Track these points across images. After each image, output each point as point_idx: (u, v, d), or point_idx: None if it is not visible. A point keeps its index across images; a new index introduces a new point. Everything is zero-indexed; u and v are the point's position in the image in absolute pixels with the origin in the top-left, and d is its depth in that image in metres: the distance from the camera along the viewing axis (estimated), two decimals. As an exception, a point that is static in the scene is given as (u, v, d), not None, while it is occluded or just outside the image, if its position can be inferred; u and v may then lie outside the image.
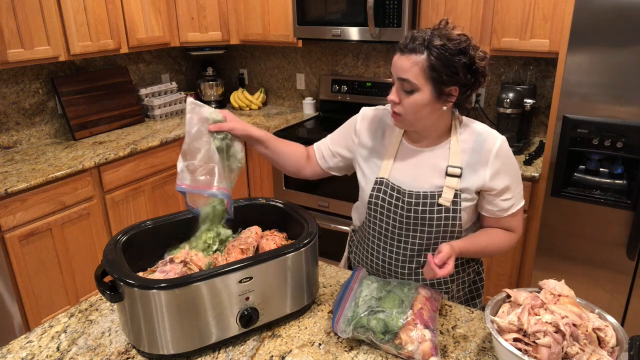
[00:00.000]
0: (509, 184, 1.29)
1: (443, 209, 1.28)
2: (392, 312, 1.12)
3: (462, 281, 1.44)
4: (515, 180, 1.32)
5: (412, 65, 1.18)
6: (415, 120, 1.25)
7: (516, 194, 1.32)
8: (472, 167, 1.28)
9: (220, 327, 1.13)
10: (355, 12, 2.82)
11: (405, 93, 1.21)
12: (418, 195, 1.29)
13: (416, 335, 1.08)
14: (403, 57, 1.20)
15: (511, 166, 1.30)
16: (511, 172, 1.30)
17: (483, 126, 1.33)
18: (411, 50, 1.18)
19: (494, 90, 2.91)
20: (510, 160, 1.30)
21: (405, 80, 1.19)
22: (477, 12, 2.53)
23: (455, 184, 1.27)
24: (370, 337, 1.12)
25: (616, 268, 2.12)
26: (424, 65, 1.17)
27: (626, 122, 1.96)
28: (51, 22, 2.58)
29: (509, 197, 1.31)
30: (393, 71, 1.23)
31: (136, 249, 1.25)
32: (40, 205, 2.40)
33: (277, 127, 3.19)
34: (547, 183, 2.19)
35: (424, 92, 1.20)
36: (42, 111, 2.98)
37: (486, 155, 1.27)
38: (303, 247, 1.19)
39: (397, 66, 1.21)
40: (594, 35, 1.94)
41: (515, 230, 1.37)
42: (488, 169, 1.27)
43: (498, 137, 1.30)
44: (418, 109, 1.22)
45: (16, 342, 1.19)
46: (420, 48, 1.17)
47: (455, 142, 1.30)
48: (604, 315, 1.05)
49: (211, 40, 3.37)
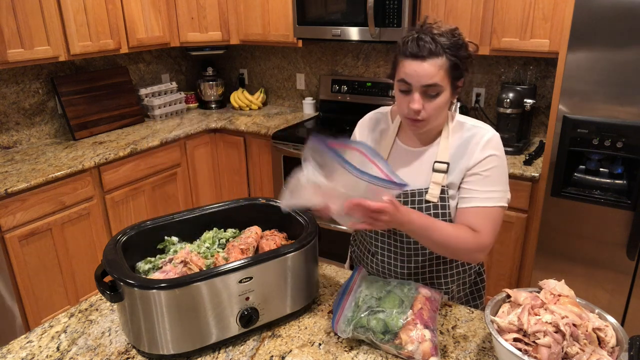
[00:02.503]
0: (488, 175, 1.23)
1: (431, 206, 1.27)
2: (392, 312, 1.11)
3: (462, 282, 1.43)
4: (497, 176, 1.25)
5: (438, 69, 1.16)
6: (436, 120, 1.24)
7: (493, 190, 1.24)
8: (459, 160, 1.26)
9: (220, 327, 1.13)
10: (355, 12, 2.82)
11: (429, 98, 1.19)
12: (406, 193, 1.29)
13: (416, 335, 1.08)
14: (425, 63, 1.15)
15: (498, 160, 1.25)
16: (496, 165, 1.24)
17: (475, 121, 1.32)
18: (431, 53, 1.15)
19: (494, 90, 2.91)
20: (499, 155, 1.25)
21: (433, 85, 1.17)
22: (477, 12, 2.53)
23: (441, 180, 1.26)
24: (370, 337, 1.12)
25: (616, 268, 2.12)
26: (447, 67, 1.17)
27: (626, 122, 1.96)
28: (51, 22, 2.58)
29: (483, 189, 1.24)
30: (411, 79, 1.17)
31: (136, 249, 1.25)
32: (40, 205, 2.40)
33: (277, 127, 3.19)
34: (547, 183, 2.19)
35: (447, 92, 1.20)
36: (42, 111, 2.98)
37: (473, 147, 1.26)
38: (303, 247, 1.19)
39: (421, 73, 1.16)
40: (594, 35, 1.94)
41: (479, 230, 1.22)
42: (472, 158, 1.25)
43: (489, 130, 1.28)
44: (442, 108, 1.22)
45: (16, 342, 1.19)
46: (439, 51, 1.16)
47: (446, 139, 1.29)
48: (604, 315, 1.04)
49: (211, 40, 3.37)
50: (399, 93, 1.23)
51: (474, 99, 2.97)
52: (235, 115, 3.59)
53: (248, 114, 3.63)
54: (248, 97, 3.76)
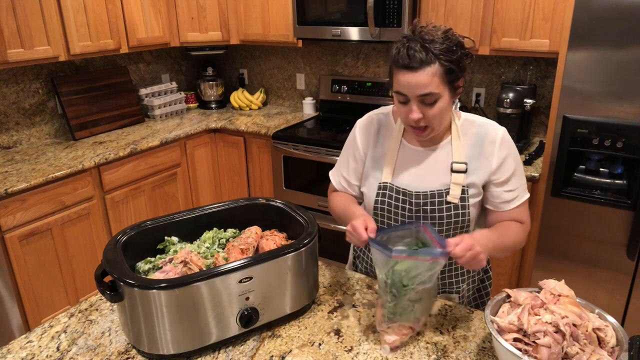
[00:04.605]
0: (514, 173, 1.30)
1: (452, 206, 1.28)
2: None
3: (471, 280, 1.44)
4: (519, 170, 1.32)
5: (431, 78, 1.15)
6: (440, 125, 1.24)
7: (520, 185, 1.32)
8: (477, 160, 1.28)
9: (220, 327, 1.13)
10: (355, 12, 2.82)
11: (427, 106, 1.19)
12: (425, 195, 1.29)
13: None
14: (417, 73, 1.15)
15: (515, 156, 1.31)
16: (516, 161, 1.31)
17: (482, 119, 1.33)
18: (422, 63, 1.14)
19: (494, 90, 2.91)
20: (514, 150, 1.31)
21: (428, 94, 1.17)
22: (477, 12, 2.53)
23: (461, 180, 1.27)
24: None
25: (616, 268, 2.12)
26: (441, 73, 1.15)
27: (626, 122, 1.96)
28: (51, 22, 2.58)
29: (514, 187, 1.30)
30: (406, 90, 1.17)
31: (136, 249, 1.25)
32: (40, 205, 2.40)
33: (277, 127, 3.19)
34: (547, 183, 2.19)
35: (445, 97, 1.19)
36: (42, 111, 2.98)
37: (490, 147, 1.28)
38: (303, 247, 1.19)
39: (414, 84, 1.16)
40: (594, 35, 1.94)
41: (525, 222, 1.34)
42: (494, 159, 1.28)
43: (499, 128, 1.30)
44: (443, 113, 1.21)
45: (16, 342, 1.19)
46: (430, 59, 1.14)
47: (457, 138, 1.29)
48: (604, 315, 1.04)
49: (211, 40, 3.37)
50: (398, 103, 1.24)
51: (474, 99, 2.97)
52: (235, 115, 3.59)
53: (248, 114, 3.63)
54: (248, 97, 3.76)
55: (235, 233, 1.38)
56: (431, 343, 1.16)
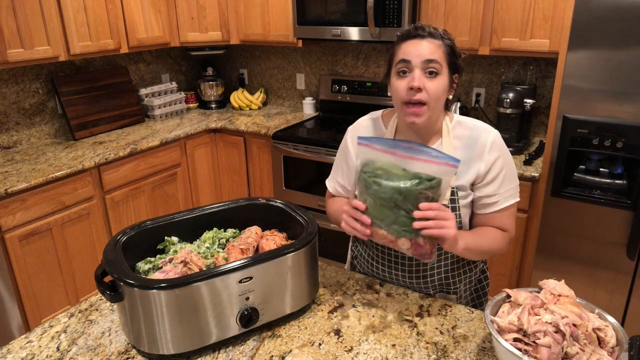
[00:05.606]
0: (499, 177, 1.28)
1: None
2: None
3: (469, 280, 1.44)
4: (509, 173, 1.30)
5: (437, 48, 1.19)
6: (434, 110, 1.23)
7: (506, 190, 1.29)
8: (466, 163, 1.27)
9: (220, 327, 1.13)
10: (355, 12, 2.82)
11: (429, 76, 1.19)
12: None
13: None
14: (424, 41, 1.20)
15: (506, 159, 1.29)
16: (505, 165, 1.29)
17: (475, 121, 1.33)
18: (430, 34, 1.20)
19: (494, 90, 2.91)
20: (505, 154, 1.29)
21: (433, 60, 1.18)
22: (477, 12, 2.53)
23: (451, 182, 1.27)
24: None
25: (616, 268, 2.12)
26: (444, 50, 1.20)
27: (626, 122, 1.96)
28: (51, 22, 2.58)
29: (495, 192, 1.29)
30: (411, 56, 1.19)
31: (136, 249, 1.25)
32: (40, 205, 2.40)
33: (277, 127, 3.19)
34: (547, 183, 2.19)
35: (444, 77, 1.21)
36: (42, 111, 2.98)
37: (480, 149, 1.27)
38: (303, 247, 1.19)
39: (421, 50, 1.19)
40: (594, 35, 1.94)
41: (508, 229, 1.33)
42: (483, 162, 1.27)
43: (491, 130, 1.29)
44: (440, 94, 1.21)
45: (16, 342, 1.19)
46: (437, 34, 1.20)
47: (448, 140, 1.29)
48: (604, 315, 1.04)
49: (211, 40, 3.37)
50: (397, 78, 1.22)
51: (474, 99, 2.97)
52: (235, 115, 3.59)
53: (248, 114, 3.63)
54: (248, 97, 3.76)
55: (235, 233, 1.38)
56: (431, 343, 1.16)
